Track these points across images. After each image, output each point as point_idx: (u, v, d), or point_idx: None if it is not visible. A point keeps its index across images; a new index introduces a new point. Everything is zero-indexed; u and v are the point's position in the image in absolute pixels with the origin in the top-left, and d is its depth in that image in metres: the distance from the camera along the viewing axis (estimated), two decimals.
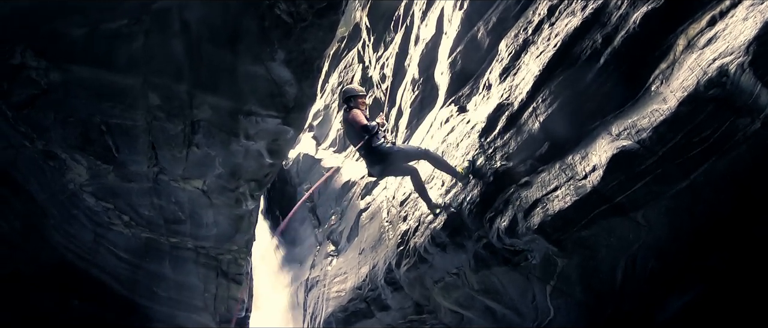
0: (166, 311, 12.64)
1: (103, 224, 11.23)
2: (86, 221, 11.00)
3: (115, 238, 11.46)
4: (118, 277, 11.77)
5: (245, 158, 11.24)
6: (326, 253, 15.18)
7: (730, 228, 5.32)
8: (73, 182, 10.39)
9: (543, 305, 7.19)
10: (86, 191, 10.66)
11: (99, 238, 11.25)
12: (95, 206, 10.94)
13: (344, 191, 15.20)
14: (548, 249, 6.36)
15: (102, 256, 11.40)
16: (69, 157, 10.00)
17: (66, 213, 10.78)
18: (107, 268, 11.56)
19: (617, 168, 5.47)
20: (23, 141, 9.59)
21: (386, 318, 10.83)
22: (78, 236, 11.00)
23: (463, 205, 7.53)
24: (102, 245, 11.31)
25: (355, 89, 8.18)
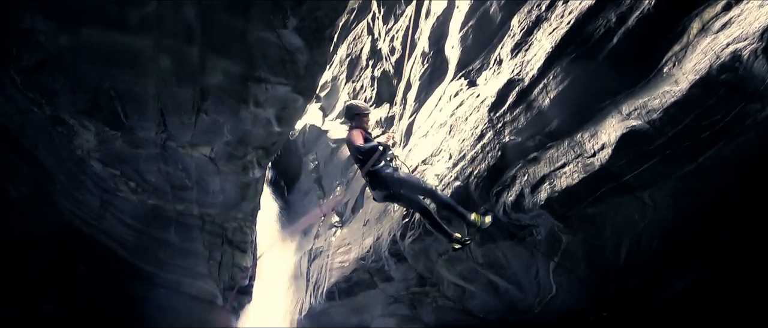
0: (170, 278, 12.76)
1: (110, 190, 11.30)
2: (93, 187, 11.07)
3: (122, 204, 11.54)
4: (124, 243, 11.88)
5: (254, 126, 11.24)
6: (330, 223, 15.24)
7: (735, 213, 5.35)
8: (81, 148, 10.44)
9: (546, 282, 7.25)
10: (94, 157, 10.72)
11: (105, 204, 11.33)
12: (102, 172, 11.00)
13: (350, 163, 15.17)
14: (554, 225, 6.40)
15: (108, 222, 11.50)
16: (77, 123, 10.03)
17: (73, 179, 10.85)
18: (113, 234, 11.66)
19: (626, 147, 5.49)
20: (31, 106, 9.62)
21: (389, 289, 10.90)
22: (85, 201, 11.09)
23: (470, 179, 7.55)
24: (108, 211, 11.40)
25: (358, 107, 7.80)
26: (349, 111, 7.78)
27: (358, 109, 7.69)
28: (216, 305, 13.94)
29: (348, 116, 7.81)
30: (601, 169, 5.71)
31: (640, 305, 6.45)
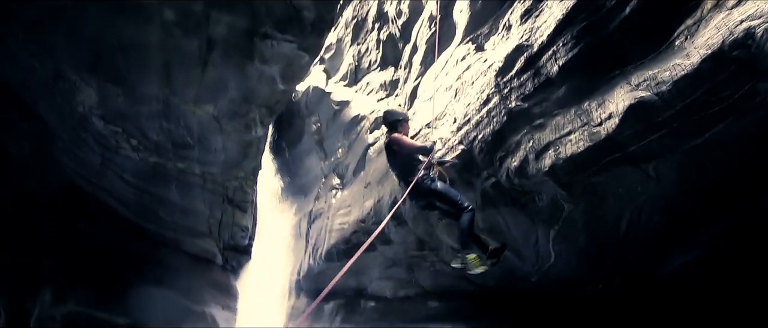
0: (171, 236, 12.80)
1: (111, 148, 11.27)
2: (94, 144, 11.04)
3: (123, 162, 11.52)
4: (125, 201, 11.89)
5: (259, 83, 11.17)
6: (331, 185, 15.24)
7: (739, 193, 5.33)
8: (82, 105, 10.39)
9: (545, 250, 7.28)
10: (95, 114, 10.67)
11: (107, 161, 11.31)
12: (104, 129, 10.95)
13: (352, 125, 15.13)
14: (556, 192, 6.39)
15: (109, 180, 11.49)
16: (79, 78, 9.97)
17: (75, 136, 10.81)
18: (114, 192, 11.66)
19: (634, 118, 5.44)
20: (33, 62, 9.55)
21: (388, 252, 10.95)
22: (86, 159, 11.06)
23: (474, 143, 7.52)
24: (109, 168, 11.38)
25: (398, 113, 7.50)
26: (389, 118, 7.38)
27: (399, 115, 7.38)
28: (215, 264, 14.03)
29: (387, 124, 7.36)
30: (607, 138, 5.68)
31: (637, 279, 6.47)
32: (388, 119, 7.31)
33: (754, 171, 5.17)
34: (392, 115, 7.36)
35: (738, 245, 5.50)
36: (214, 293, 13.83)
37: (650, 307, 6.38)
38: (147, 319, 11.63)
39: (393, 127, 7.18)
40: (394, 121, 7.21)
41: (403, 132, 7.17)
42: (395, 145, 6.96)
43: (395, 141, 6.94)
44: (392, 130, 7.17)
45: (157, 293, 12.03)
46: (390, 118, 7.30)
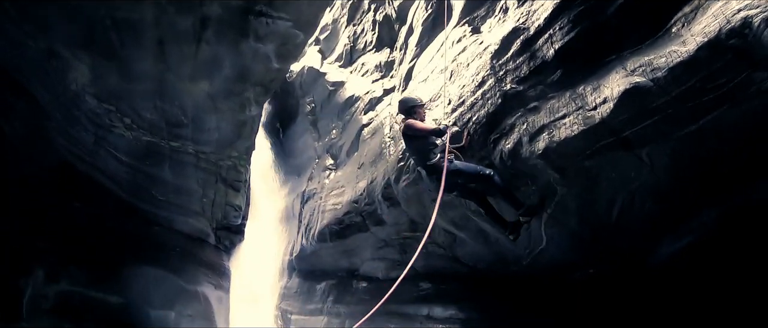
0: (164, 215, 12.79)
1: (105, 127, 11.22)
2: (88, 123, 11.00)
3: (116, 141, 11.49)
4: (119, 180, 11.86)
5: (253, 61, 11.11)
6: (325, 166, 15.26)
7: (732, 181, 5.35)
8: (76, 83, 10.33)
9: (537, 233, 7.30)
10: (88, 92, 10.62)
11: (100, 140, 11.27)
12: (97, 107, 10.91)
13: (347, 106, 15.10)
14: (549, 176, 6.40)
15: (103, 159, 11.46)
16: (72, 55, 9.90)
17: (68, 115, 10.76)
18: (108, 171, 11.63)
19: (628, 103, 5.43)
20: (26, 40, 9.47)
21: (380, 233, 10.99)
22: (79, 138, 11.02)
23: (469, 125, 7.52)
24: (103, 147, 11.35)
25: (414, 99, 7.47)
26: (405, 104, 7.40)
27: (415, 101, 7.38)
28: (208, 244, 14.04)
29: (403, 110, 7.38)
30: (601, 122, 5.67)
31: (628, 265, 6.50)
32: (404, 106, 7.32)
33: (747, 160, 5.19)
34: (408, 102, 7.37)
35: (730, 233, 5.52)
36: (207, 272, 13.85)
37: (641, 292, 6.42)
38: (140, 298, 11.66)
39: (409, 114, 7.21)
40: (409, 108, 7.26)
41: (419, 118, 7.20)
42: (410, 130, 6.99)
43: (409, 126, 6.96)
44: (408, 117, 7.19)
45: (150, 272, 12.05)
46: (406, 105, 7.32)
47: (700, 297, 5.73)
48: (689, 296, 5.83)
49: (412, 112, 7.20)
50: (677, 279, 6.01)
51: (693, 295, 5.81)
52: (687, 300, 5.84)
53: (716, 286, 5.63)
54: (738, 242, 5.45)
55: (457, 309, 9.25)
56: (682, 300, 5.89)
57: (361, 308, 11.96)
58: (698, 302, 5.73)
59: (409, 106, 7.27)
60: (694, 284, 5.84)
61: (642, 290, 6.35)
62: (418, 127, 6.87)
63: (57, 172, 10.96)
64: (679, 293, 5.97)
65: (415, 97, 7.48)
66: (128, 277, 11.45)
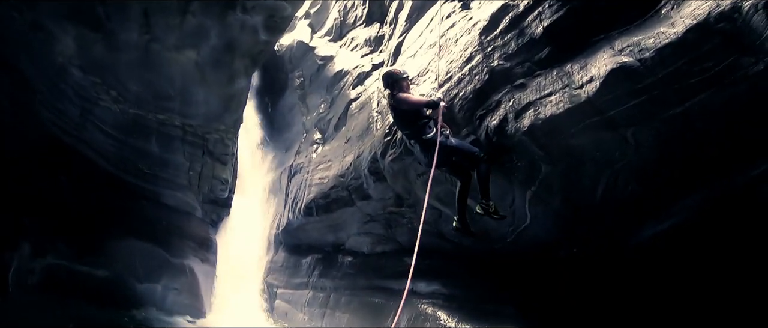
0: (150, 188, 12.78)
1: (91, 100, 11.17)
2: (74, 96, 10.94)
3: (102, 114, 11.43)
4: (105, 153, 11.83)
5: (241, 32, 11.06)
6: (312, 140, 15.23)
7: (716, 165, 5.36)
8: (62, 55, 10.26)
9: (521, 211, 7.32)
10: (74, 64, 10.56)
11: (86, 113, 11.22)
12: (83, 80, 10.84)
13: (336, 80, 15.04)
14: (534, 153, 6.41)
15: (89, 132, 11.41)
16: (58, 28, 9.80)
17: (54, 88, 10.70)
18: (94, 144, 11.59)
19: (615, 82, 5.42)
20: (12, 12, 9.37)
21: (366, 208, 11.00)
22: (65, 111, 10.97)
23: (455, 100, 7.49)
24: (89, 120, 11.30)
25: (397, 72, 7.24)
26: (389, 78, 7.19)
27: (398, 74, 7.17)
28: (195, 217, 14.04)
29: (388, 84, 7.18)
30: (587, 101, 5.66)
31: (610, 245, 6.53)
32: (389, 80, 7.14)
33: (732, 144, 5.20)
34: (392, 75, 7.18)
35: (713, 218, 5.55)
36: (194, 245, 13.89)
37: (623, 273, 6.45)
38: (126, 271, 11.69)
39: (395, 88, 7.05)
40: (394, 81, 7.07)
41: (406, 90, 7.06)
42: (403, 104, 6.86)
43: (401, 100, 6.84)
44: (394, 90, 7.04)
45: (137, 245, 12.08)
46: (390, 78, 7.14)
47: (680, 280, 5.77)
48: (669, 278, 5.86)
49: (399, 85, 7.04)
50: (658, 261, 6.04)
51: (673, 277, 5.84)
52: (667, 282, 5.88)
53: (696, 270, 5.66)
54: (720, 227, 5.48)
55: (440, 285, 9.30)
56: (662, 282, 5.93)
57: (346, 282, 12.04)
58: (678, 284, 5.77)
59: (394, 79, 7.09)
60: (675, 267, 5.87)
61: (624, 270, 6.38)
62: (412, 101, 6.75)
63: (43, 146, 10.92)
64: (659, 274, 6.00)
65: (399, 70, 7.29)
66: (114, 250, 11.47)
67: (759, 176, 5.04)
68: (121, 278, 11.58)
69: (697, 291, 5.53)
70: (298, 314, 13.81)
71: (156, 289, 12.29)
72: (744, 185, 5.17)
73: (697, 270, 5.60)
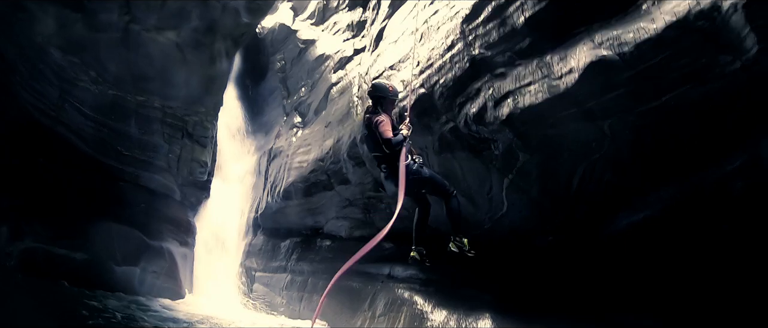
0: (129, 170, 12.67)
1: (70, 80, 11.05)
2: (52, 76, 10.82)
3: (81, 95, 11.31)
4: (84, 135, 11.71)
5: (223, 14, 10.97)
6: (292, 124, 15.20)
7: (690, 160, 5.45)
8: (41, 35, 10.13)
9: (498, 198, 7.39)
10: (54, 44, 10.46)
11: (65, 94, 11.11)
12: (62, 60, 10.72)
13: (317, 64, 14.99)
14: (512, 141, 6.47)
15: (68, 113, 11.29)
16: (38, 7, 9.69)
17: (33, 69, 10.58)
18: (72, 126, 11.46)
19: (594, 75, 5.49)
20: None
21: (345, 192, 11.04)
22: (44, 92, 10.85)
23: (436, 87, 7.53)
24: (68, 101, 11.18)
25: (387, 88, 6.37)
26: (379, 92, 6.37)
27: (388, 92, 6.34)
28: (173, 200, 13.96)
29: (375, 97, 6.38)
30: (566, 92, 5.73)
31: (584, 234, 6.62)
32: (377, 94, 6.38)
33: (706, 140, 5.28)
34: (383, 91, 6.37)
35: (685, 211, 5.63)
36: (172, 228, 13.81)
37: (597, 262, 6.54)
38: (104, 254, 11.61)
39: (379, 104, 6.35)
40: (382, 98, 6.34)
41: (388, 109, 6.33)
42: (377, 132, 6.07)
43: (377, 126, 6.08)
44: (376, 105, 6.36)
45: (115, 228, 11.99)
46: (376, 92, 6.38)
47: (652, 269, 5.86)
48: (642, 268, 5.96)
49: (383, 105, 6.31)
50: (632, 251, 6.13)
51: (645, 267, 5.94)
52: (640, 271, 5.97)
53: (669, 260, 5.75)
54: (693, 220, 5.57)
55: (417, 270, 9.36)
56: (635, 271, 6.02)
57: (324, 266, 12.08)
58: (650, 273, 5.86)
59: (383, 96, 6.34)
60: (648, 257, 5.96)
61: (598, 259, 6.47)
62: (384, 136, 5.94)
63: (21, 127, 10.79)
64: (633, 264, 6.10)
65: (389, 87, 6.45)
66: (93, 233, 11.37)
67: (733, 171, 5.13)
68: (99, 261, 11.50)
69: (668, 280, 5.63)
70: (276, 298, 13.85)
71: (134, 272, 12.23)
72: (717, 180, 5.26)
73: (670, 261, 5.69)
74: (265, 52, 19.09)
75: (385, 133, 5.89)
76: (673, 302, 5.40)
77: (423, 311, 8.12)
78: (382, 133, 5.91)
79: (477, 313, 7.21)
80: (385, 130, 5.92)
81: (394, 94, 6.35)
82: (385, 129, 5.94)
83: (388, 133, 5.90)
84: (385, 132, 5.90)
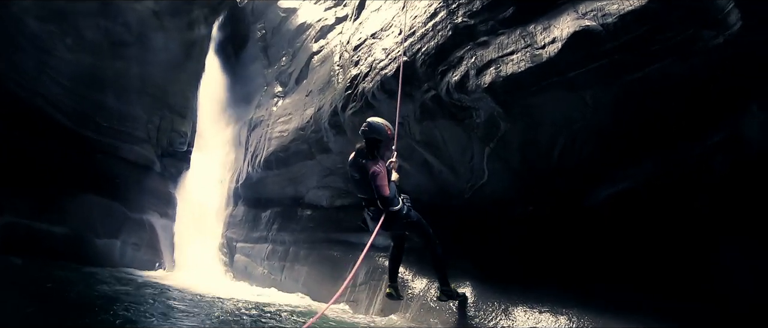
0: (108, 143, 12.58)
1: (47, 50, 10.91)
2: (29, 46, 10.69)
3: (59, 65, 11.17)
4: (62, 107, 11.58)
5: None
6: (273, 93, 15.10)
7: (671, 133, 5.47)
8: (18, 4, 9.93)
9: (479, 167, 7.40)
10: (30, 14, 10.26)
11: (42, 65, 10.97)
12: (39, 30, 10.57)
13: (298, 33, 14.86)
14: (494, 110, 6.46)
15: (45, 85, 11.15)
16: None
17: (9, 40, 10.46)
18: (50, 97, 11.32)
19: (577, 45, 5.47)
20: None
21: (326, 161, 11.02)
22: (21, 63, 10.71)
23: (418, 55, 7.49)
24: (45, 72, 11.04)
25: (384, 129, 5.97)
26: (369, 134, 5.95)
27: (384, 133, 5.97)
28: (153, 171, 13.87)
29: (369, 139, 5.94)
30: (548, 61, 5.71)
31: (565, 205, 6.65)
32: (372, 136, 5.94)
33: (688, 114, 5.30)
34: (375, 131, 5.94)
35: (665, 184, 5.66)
36: (152, 200, 13.79)
37: (577, 232, 6.57)
38: (84, 228, 11.56)
39: (373, 147, 5.95)
40: (376, 142, 5.95)
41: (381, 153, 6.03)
42: (372, 179, 5.77)
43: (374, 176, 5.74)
44: (369, 146, 5.95)
45: (95, 201, 11.94)
46: (371, 134, 5.94)
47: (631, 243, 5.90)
48: (622, 239, 6.00)
49: (378, 147, 5.97)
50: (612, 222, 6.17)
51: (625, 238, 5.97)
52: (619, 242, 6.01)
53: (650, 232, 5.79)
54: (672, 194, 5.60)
55: None
56: (615, 244, 6.06)
57: (305, 236, 12.10)
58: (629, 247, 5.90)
59: (377, 139, 5.95)
60: (628, 229, 6.00)
61: (577, 230, 6.51)
62: (378, 184, 5.71)
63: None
64: (612, 236, 6.13)
65: (386, 128, 6.01)
66: (72, 207, 11.32)
67: (713, 146, 5.16)
68: (79, 235, 11.45)
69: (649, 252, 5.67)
70: (258, 268, 13.87)
71: (115, 244, 12.21)
72: (700, 154, 5.28)
73: (650, 232, 5.74)
74: (246, 21, 18.90)
75: (382, 189, 5.68)
76: (653, 273, 5.45)
77: (404, 279, 8.15)
78: (380, 189, 5.69)
79: (457, 281, 7.23)
80: (383, 185, 5.69)
81: (392, 136, 6.09)
82: (382, 184, 5.70)
83: (386, 190, 5.70)
84: (383, 188, 5.69)
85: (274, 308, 8.48)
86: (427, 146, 7.96)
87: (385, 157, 6.02)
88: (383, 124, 5.96)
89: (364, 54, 9.57)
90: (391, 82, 7.83)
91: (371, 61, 8.99)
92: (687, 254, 5.23)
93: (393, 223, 5.98)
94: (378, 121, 6.02)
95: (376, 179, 5.68)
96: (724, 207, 5.04)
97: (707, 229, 5.14)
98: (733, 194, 4.99)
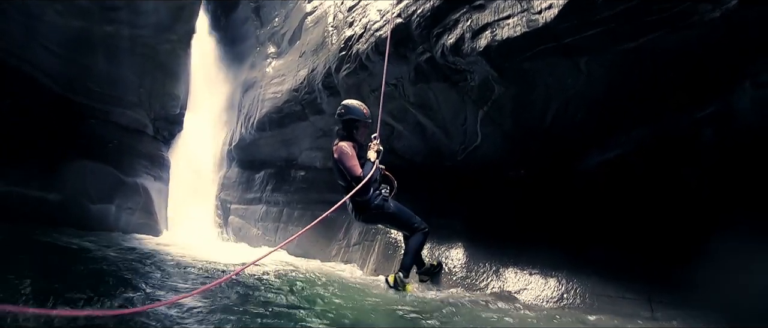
0: (100, 107, 12.45)
1: (34, 16, 10.69)
2: (16, 13, 10.48)
3: (47, 30, 10.97)
4: (52, 73, 11.42)
5: None
6: (266, 54, 15.00)
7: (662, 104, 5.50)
8: None
9: (472, 130, 7.45)
10: None
11: (31, 31, 10.77)
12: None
13: None
14: (489, 74, 6.48)
15: (33, 51, 10.98)
16: None
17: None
18: (39, 64, 11.17)
19: (573, 11, 5.44)
20: None
21: (319, 122, 11.04)
22: (8, 30, 10.51)
23: (413, 17, 7.45)
24: (34, 39, 10.85)
25: (358, 111, 5.63)
26: (345, 115, 5.64)
27: (358, 114, 5.63)
28: (146, 135, 13.82)
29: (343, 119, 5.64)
30: (544, 27, 5.69)
31: (556, 169, 6.71)
32: (343, 116, 5.65)
33: (679, 86, 5.31)
34: (350, 112, 5.64)
35: (655, 153, 5.70)
36: (146, 164, 13.73)
37: (567, 196, 6.63)
38: (78, 193, 11.52)
39: (347, 128, 5.66)
40: (351, 122, 5.63)
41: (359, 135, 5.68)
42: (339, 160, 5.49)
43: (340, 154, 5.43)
44: (346, 129, 5.67)
45: (88, 166, 11.86)
46: (346, 115, 5.64)
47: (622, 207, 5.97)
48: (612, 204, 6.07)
49: (350, 129, 5.64)
50: (602, 187, 6.23)
51: (616, 203, 6.04)
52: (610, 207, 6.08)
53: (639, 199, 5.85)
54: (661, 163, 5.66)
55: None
56: (603, 209, 6.13)
57: (298, 197, 12.17)
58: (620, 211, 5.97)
59: (351, 119, 5.63)
60: (618, 194, 6.06)
61: (568, 194, 6.57)
62: (347, 165, 5.36)
63: None
64: (600, 201, 6.20)
65: (360, 109, 5.69)
66: (66, 173, 11.25)
67: (703, 118, 5.19)
68: (74, 201, 11.41)
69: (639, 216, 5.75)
70: (252, 229, 13.99)
71: (109, 209, 12.20)
72: (689, 125, 5.33)
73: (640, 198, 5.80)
74: None
75: (353, 170, 5.31)
76: (644, 238, 5.54)
77: (397, 240, 8.24)
78: (350, 170, 5.33)
79: (449, 242, 7.35)
80: (353, 166, 5.33)
81: (368, 118, 5.69)
82: (352, 164, 5.35)
83: (356, 170, 5.30)
84: (353, 168, 5.32)
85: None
86: (420, 108, 7.99)
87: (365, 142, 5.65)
88: (359, 106, 5.66)
89: (358, 15, 9.50)
90: (386, 43, 7.80)
91: (366, 22, 8.94)
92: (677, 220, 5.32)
93: (364, 213, 5.64)
94: (353, 102, 5.75)
95: (343, 159, 5.37)
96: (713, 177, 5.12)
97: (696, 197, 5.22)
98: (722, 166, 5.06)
